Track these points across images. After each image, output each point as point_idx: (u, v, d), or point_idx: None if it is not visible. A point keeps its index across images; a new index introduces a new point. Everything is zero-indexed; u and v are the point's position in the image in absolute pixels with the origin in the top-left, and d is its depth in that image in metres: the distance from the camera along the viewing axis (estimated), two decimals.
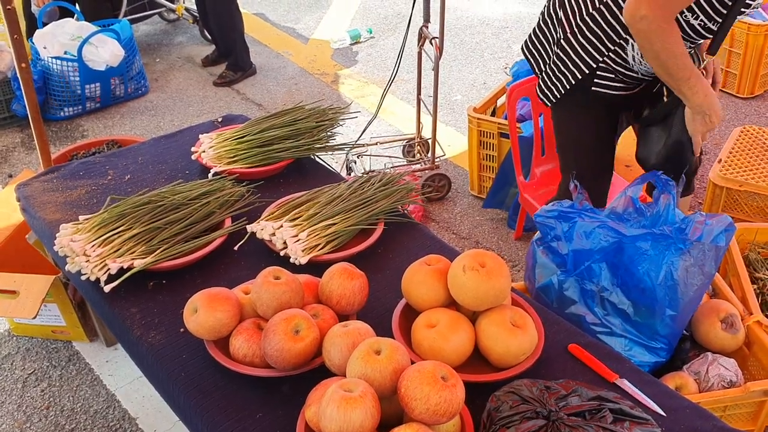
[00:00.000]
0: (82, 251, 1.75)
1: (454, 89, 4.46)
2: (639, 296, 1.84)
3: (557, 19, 2.01)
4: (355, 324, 1.44)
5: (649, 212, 1.83)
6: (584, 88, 1.99)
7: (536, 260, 2.00)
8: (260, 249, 1.87)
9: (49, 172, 2.27)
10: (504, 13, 5.53)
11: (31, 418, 2.35)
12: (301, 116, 2.33)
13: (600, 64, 1.93)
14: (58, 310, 2.52)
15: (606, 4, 1.87)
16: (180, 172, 2.21)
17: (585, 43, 1.94)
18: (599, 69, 1.94)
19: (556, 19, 2.01)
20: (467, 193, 3.46)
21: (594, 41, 1.92)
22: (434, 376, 1.23)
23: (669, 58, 1.74)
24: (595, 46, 1.92)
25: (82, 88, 4.15)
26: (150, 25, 5.48)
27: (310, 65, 4.87)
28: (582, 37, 1.93)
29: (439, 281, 1.51)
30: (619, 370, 1.53)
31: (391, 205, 2.00)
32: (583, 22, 1.92)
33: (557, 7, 2.01)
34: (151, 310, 1.69)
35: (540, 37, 2.11)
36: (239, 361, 1.48)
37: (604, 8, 1.88)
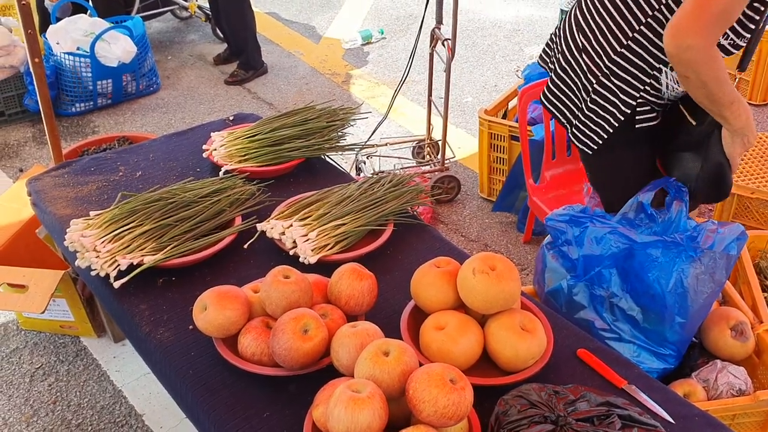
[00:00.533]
0: (92, 247, 1.76)
1: (465, 91, 4.46)
2: (648, 302, 1.84)
3: (582, 66, 1.85)
4: (363, 325, 1.44)
5: (660, 218, 1.82)
6: (627, 127, 1.84)
7: (546, 264, 1.99)
8: (270, 248, 1.88)
9: (60, 168, 2.27)
10: (516, 16, 5.52)
11: (38, 413, 2.35)
12: (312, 116, 2.33)
13: (638, 99, 1.79)
14: (66, 305, 2.53)
15: (635, 39, 1.74)
16: (191, 169, 2.21)
17: (621, 83, 1.78)
18: (638, 105, 1.80)
19: (581, 68, 1.85)
20: (476, 196, 3.46)
21: (629, 79, 1.77)
22: (443, 379, 1.23)
23: (716, 86, 1.63)
24: (632, 84, 1.78)
25: (93, 84, 4.17)
26: (162, 22, 5.50)
27: (321, 65, 4.87)
28: (616, 77, 1.78)
29: (449, 283, 1.51)
30: (628, 376, 1.52)
31: (400, 207, 2.00)
32: (615, 63, 1.77)
33: (577, 54, 1.86)
34: (160, 307, 1.69)
35: (563, 88, 1.95)
36: (247, 359, 1.49)
37: (633, 43, 1.74)
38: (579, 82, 1.88)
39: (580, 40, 1.84)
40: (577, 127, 1.92)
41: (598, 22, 1.80)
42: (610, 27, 1.77)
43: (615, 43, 1.77)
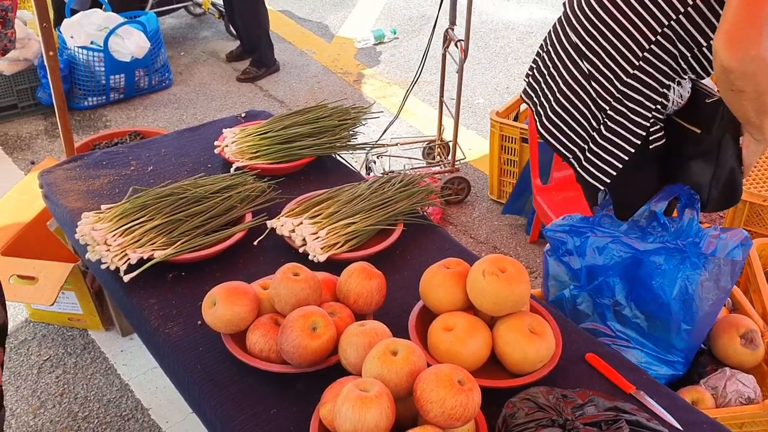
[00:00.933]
0: (103, 240, 1.76)
1: (476, 92, 4.45)
2: (654, 310, 1.83)
3: (591, 93, 1.72)
4: (372, 324, 1.44)
5: (672, 227, 1.81)
6: (641, 152, 1.73)
7: (549, 271, 1.99)
8: (279, 245, 1.88)
9: (72, 161, 2.28)
10: (529, 18, 5.51)
11: (45, 404, 2.36)
12: (324, 114, 2.34)
13: (651, 120, 1.69)
14: (75, 297, 2.54)
15: (646, 58, 1.63)
16: (202, 165, 2.22)
17: (634, 106, 1.67)
18: (651, 125, 1.70)
19: (589, 96, 1.72)
20: (486, 198, 3.45)
21: (642, 100, 1.67)
22: (451, 380, 1.23)
23: None
24: (645, 105, 1.67)
25: (106, 78, 4.18)
26: (176, 18, 5.51)
27: (333, 64, 4.87)
28: (629, 100, 1.67)
29: (458, 285, 1.50)
30: (636, 382, 1.51)
31: (410, 207, 2.00)
32: (628, 86, 1.66)
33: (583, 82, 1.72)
34: (170, 301, 1.70)
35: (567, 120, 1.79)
36: (255, 355, 1.49)
37: (645, 63, 1.63)
38: (587, 111, 1.74)
39: (585, 66, 1.71)
40: (589, 160, 1.78)
41: (604, 45, 1.67)
42: (618, 48, 1.65)
43: (626, 64, 1.64)
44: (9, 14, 1.69)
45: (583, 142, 1.78)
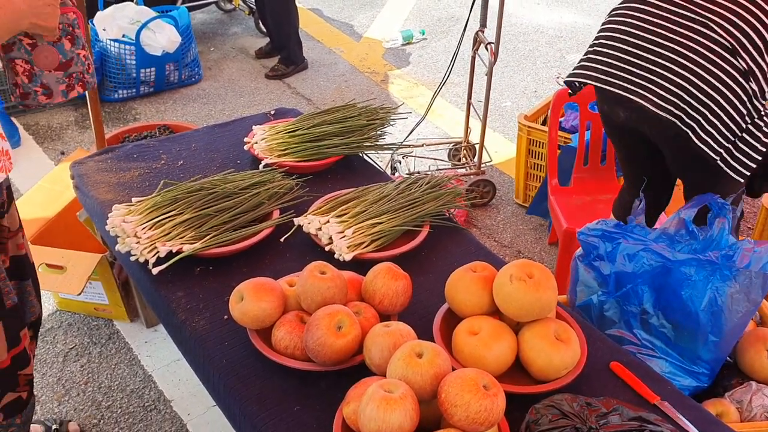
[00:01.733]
0: (133, 233, 1.78)
1: (504, 95, 4.44)
2: (682, 320, 1.81)
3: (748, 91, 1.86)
4: (397, 325, 1.44)
5: (701, 236, 1.80)
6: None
7: (578, 277, 1.98)
8: (305, 242, 1.89)
9: (103, 153, 2.31)
10: (559, 23, 5.48)
11: (69, 392, 2.40)
12: (353, 114, 2.34)
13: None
14: (102, 288, 2.57)
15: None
16: (232, 161, 2.24)
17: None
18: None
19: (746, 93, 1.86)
20: (511, 201, 3.44)
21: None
22: (476, 384, 1.23)
23: None
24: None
25: (137, 71, 4.23)
26: (207, 13, 5.56)
27: (360, 63, 4.88)
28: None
29: (484, 289, 1.50)
30: (661, 392, 1.50)
31: (437, 208, 2.00)
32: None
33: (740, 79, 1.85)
34: (197, 295, 1.72)
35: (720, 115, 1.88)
36: (280, 352, 1.50)
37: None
38: (743, 108, 1.86)
39: (741, 64, 1.83)
40: (741, 150, 1.90)
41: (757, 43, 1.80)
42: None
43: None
44: (76, 30, 1.70)
45: (733, 136, 1.89)
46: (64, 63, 1.68)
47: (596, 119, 2.89)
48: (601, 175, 2.95)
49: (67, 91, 1.72)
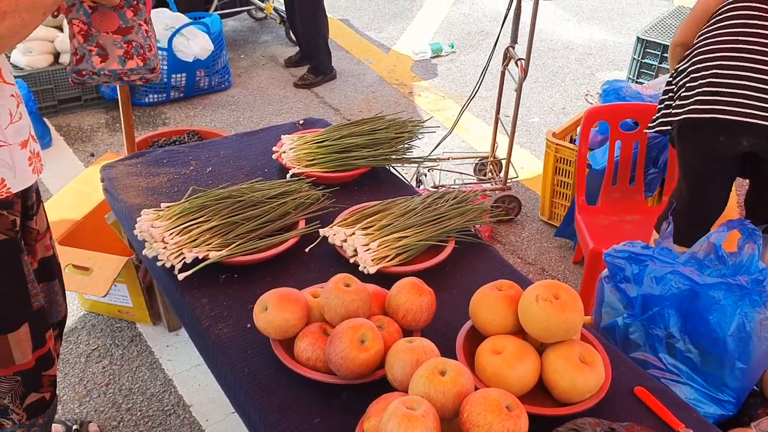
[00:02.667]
0: (160, 238, 1.80)
1: (532, 111, 4.42)
2: (709, 346, 1.79)
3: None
4: (420, 341, 1.43)
5: (731, 261, 1.77)
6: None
7: (604, 298, 1.96)
8: (330, 254, 1.89)
9: (133, 157, 2.34)
10: (589, 40, 5.46)
11: (90, 393, 2.42)
12: (381, 126, 2.35)
13: None
14: (126, 290, 2.60)
15: None
16: (259, 169, 2.25)
17: None
18: None
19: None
20: (536, 218, 3.42)
21: None
22: (499, 405, 1.22)
23: None
24: None
25: (168, 76, 4.28)
26: (238, 21, 5.62)
27: (389, 75, 4.90)
28: None
29: (509, 308, 1.49)
30: (685, 420, 1.48)
31: (463, 224, 1.99)
32: None
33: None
34: (221, 302, 1.72)
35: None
36: (302, 363, 1.50)
37: None
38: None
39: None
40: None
41: None
42: None
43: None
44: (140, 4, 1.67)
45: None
46: (124, 28, 1.65)
47: (626, 139, 2.87)
48: (629, 196, 2.92)
49: (124, 58, 1.67)
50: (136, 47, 1.68)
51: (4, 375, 1.66)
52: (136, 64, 1.70)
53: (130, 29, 1.66)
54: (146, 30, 1.71)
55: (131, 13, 1.66)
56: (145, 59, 1.71)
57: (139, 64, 1.71)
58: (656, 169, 2.94)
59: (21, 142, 1.54)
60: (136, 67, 1.71)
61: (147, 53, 1.71)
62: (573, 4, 6.16)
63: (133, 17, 1.67)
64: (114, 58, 1.66)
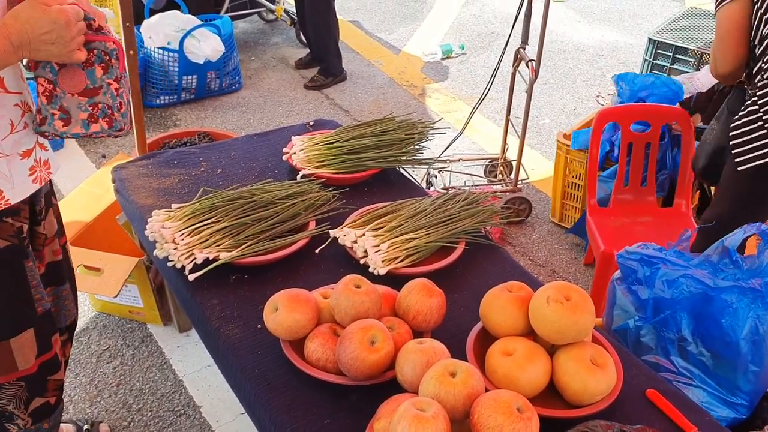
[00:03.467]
0: (171, 238, 1.80)
1: (542, 113, 4.41)
2: (721, 349, 1.77)
3: None
4: (430, 342, 1.43)
5: (746, 265, 1.76)
6: None
7: (615, 300, 1.95)
8: (340, 255, 1.89)
9: (144, 158, 2.35)
10: (600, 41, 5.44)
11: (101, 393, 2.43)
12: (391, 128, 2.35)
13: None
14: (137, 291, 2.61)
15: None
16: (270, 170, 2.25)
17: None
18: None
19: None
20: (547, 220, 3.41)
21: None
22: (510, 407, 1.21)
23: None
24: None
25: (179, 78, 4.30)
26: (248, 23, 5.63)
27: (399, 76, 4.90)
28: None
29: (520, 309, 1.49)
30: (698, 423, 1.47)
31: (473, 225, 1.99)
32: None
33: None
34: (231, 303, 1.73)
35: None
36: (312, 364, 1.50)
37: None
38: None
39: None
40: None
41: None
42: None
43: None
44: (112, 60, 1.56)
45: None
46: (91, 89, 1.55)
47: (638, 140, 2.85)
48: (641, 198, 2.91)
49: (88, 122, 1.57)
50: (103, 109, 1.58)
51: (7, 381, 1.66)
52: (100, 127, 1.59)
53: (98, 90, 1.56)
54: (116, 89, 1.58)
55: (101, 71, 1.55)
56: (111, 122, 1.59)
57: (103, 127, 1.59)
58: (666, 171, 2.92)
59: (23, 151, 1.53)
60: (100, 130, 1.60)
61: (114, 113, 1.59)
62: (584, 5, 6.14)
63: (103, 75, 1.56)
64: (77, 122, 1.56)
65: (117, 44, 1.56)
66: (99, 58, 1.54)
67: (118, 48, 1.56)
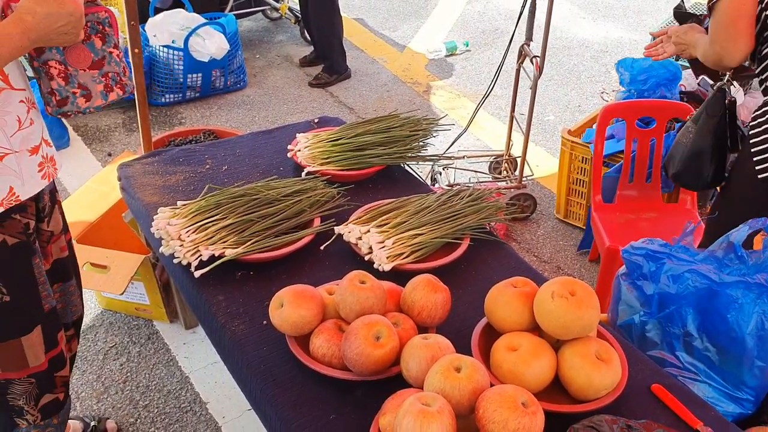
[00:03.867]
0: (177, 235, 1.81)
1: (547, 109, 4.40)
2: (727, 344, 1.77)
3: None
4: (435, 338, 1.43)
5: (751, 260, 1.75)
6: None
7: (620, 296, 1.95)
8: (345, 251, 1.89)
9: (150, 156, 2.35)
10: (605, 38, 5.43)
11: (108, 390, 2.44)
12: (396, 124, 2.35)
13: None
14: (144, 288, 2.62)
15: None
16: (275, 168, 2.26)
17: None
18: None
19: None
20: (552, 216, 3.41)
21: None
22: (515, 401, 1.21)
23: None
24: None
25: (184, 76, 4.30)
26: (253, 21, 5.63)
27: (403, 73, 4.90)
28: None
29: (525, 305, 1.49)
30: (704, 418, 1.47)
31: (478, 222, 1.99)
32: None
33: None
34: (237, 299, 1.73)
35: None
36: (318, 359, 1.50)
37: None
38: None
39: None
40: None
41: None
42: None
43: None
44: (107, 28, 1.63)
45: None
46: (97, 61, 1.61)
47: (642, 135, 2.85)
48: (646, 193, 2.90)
49: (106, 92, 1.65)
50: (113, 77, 1.65)
51: (19, 377, 1.67)
52: (117, 95, 1.68)
53: (102, 61, 1.63)
54: (117, 55, 1.66)
55: (100, 42, 1.61)
56: (123, 87, 1.69)
57: (119, 93, 1.69)
58: None
59: (31, 148, 1.54)
60: (117, 98, 1.70)
61: (123, 79, 1.68)
62: (588, 1, 6.12)
63: (103, 46, 1.62)
64: (97, 95, 1.64)
65: (108, 12, 1.62)
66: (94, 29, 1.60)
67: (110, 15, 1.62)
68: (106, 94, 1.66)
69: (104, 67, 1.63)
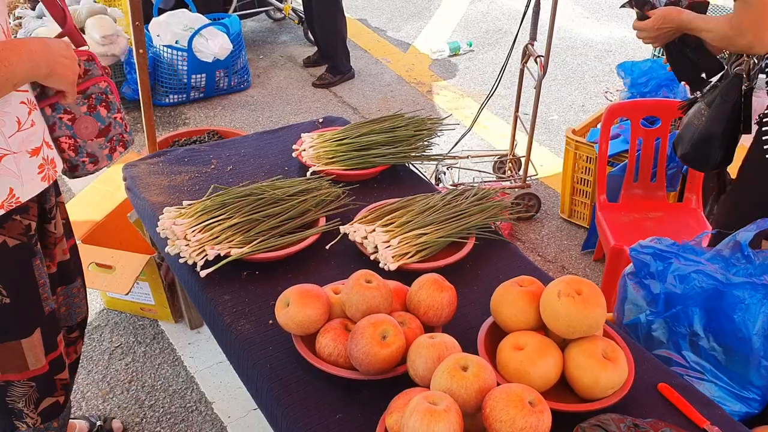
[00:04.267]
0: (183, 235, 1.81)
1: (551, 109, 4.40)
2: (733, 344, 1.77)
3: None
4: (442, 337, 1.43)
5: (758, 260, 1.75)
6: None
7: (627, 295, 1.95)
8: (350, 250, 1.89)
9: (155, 156, 2.36)
10: (608, 37, 5.42)
11: (114, 390, 2.44)
12: (400, 124, 2.35)
13: None
14: (149, 288, 2.62)
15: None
16: (280, 167, 2.26)
17: None
18: None
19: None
20: (556, 216, 3.40)
21: None
22: (521, 400, 1.21)
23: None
24: None
25: (188, 77, 4.31)
26: (257, 22, 5.64)
27: (407, 74, 4.90)
28: None
29: (531, 304, 1.48)
30: (711, 417, 1.46)
31: (483, 221, 1.99)
32: None
33: None
34: (243, 299, 1.73)
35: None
36: (324, 359, 1.50)
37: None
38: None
39: None
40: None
41: None
42: None
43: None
44: (109, 96, 1.75)
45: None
46: (104, 129, 1.74)
47: (647, 135, 2.85)
48: (651, 193, 2.90)
49: (110, 155, 1.78)
50: (117, 139, 1.79)
51: (18, 380, 1.67)
52: (119, 153, 1.81)
53: (109, 127, 1.76)
54: (120, 118, 1.79)
55: (105, 111, 1.74)
56: (124, 143, 1.81)
57: (121, 151, 1.82)
58: (675, 164, 2.91)
59: (31, 149, 1.54)
60: (120, 155, 1.83)
61: (125, 136, 1.81)
62: (592, 1, 6.12)
63: (108, 114, 1.75)
64: (103, 159, 1.77)
65: (106, 79, 1.75)
66: (99, 99, 1.73)
67: (109, 83, 1.75)
68: (111, 155, 1.79)
69: (110, 133, 1.76)
